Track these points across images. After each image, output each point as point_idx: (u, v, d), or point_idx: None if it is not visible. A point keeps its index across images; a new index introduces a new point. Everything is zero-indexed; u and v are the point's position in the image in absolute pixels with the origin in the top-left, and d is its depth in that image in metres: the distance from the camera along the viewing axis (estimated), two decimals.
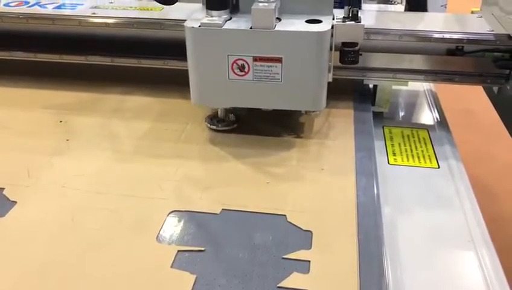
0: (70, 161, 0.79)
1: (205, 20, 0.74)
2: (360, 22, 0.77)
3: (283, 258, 0.61)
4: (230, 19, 0.76)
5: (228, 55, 0.75)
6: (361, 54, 0.81)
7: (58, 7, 1.00)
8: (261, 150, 0.81)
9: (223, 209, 0.68)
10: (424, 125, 0.92)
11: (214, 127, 0.86)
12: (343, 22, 0.77)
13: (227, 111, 0.86)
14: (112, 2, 1.03)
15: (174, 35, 0.93)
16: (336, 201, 0.70)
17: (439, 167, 0.81)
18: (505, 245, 1.59)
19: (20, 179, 0.74)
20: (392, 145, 0.86)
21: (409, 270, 0.62)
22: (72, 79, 1.02)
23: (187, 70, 0.79)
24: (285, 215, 0.67)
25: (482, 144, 1.82)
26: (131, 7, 1.00)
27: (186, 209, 0.68)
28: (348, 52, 0.80)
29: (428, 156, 0.83)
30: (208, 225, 0.66)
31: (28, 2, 1.02)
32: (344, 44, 0.79)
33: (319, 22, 0.75)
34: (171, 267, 0.59)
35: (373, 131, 0.86)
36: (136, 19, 0.95)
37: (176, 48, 0.93)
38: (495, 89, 0.90)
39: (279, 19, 0.76)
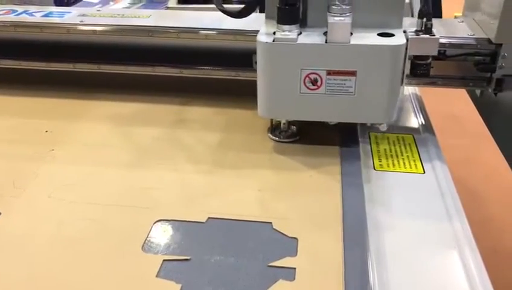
0: (56, 170, 0.79)
1: (279, 35, 0.74)
2: (434, 35, 0.77)
3: (269, 266, 0.61)
4: (301, 33, 0.76)
5: (301, 69, 0.75)
6: (432, 67, 0.82)
7: (46, 15, 1.00)
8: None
9: (209, 217, 0.69)
10: (409, 129, 0.92)
11: (277, 139, 0.86)
12: (416, 35, 0.77)
13: (290, 122, 0.86)
14: (99, 10, 1.03)
15: (162, 42, 0.95)
16: (321, 207, 0.71)
17: (424, 172, 0.81)
18: (491, 248, 1.62)
19: (5, 190, 0.74)
20: (378, 151, 0.86)
21: (395, 276, 0.62)
22: (57, 86, 1.03)
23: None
24: (271, 222, 0.68)
25: (469, 148, 1.84)
26: (119, 14, 1.00)
27: (174, 218, 0.69)
28: (421, 65, 0.80)
29: (414, 161, 0.83)
30: (194, 233, 0.67)
31: (16, 11, 1.03)
32: (416, 57, 0.80)
33: (391, 35, 0.75)
34: (157, 276, 0.59)
35: (358, 137, 0.87)
36: (124, 26, 0.96)
37: (164, 55, 0.96)
38: (478, 92, 0.92)
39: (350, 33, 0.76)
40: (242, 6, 0.79)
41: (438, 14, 0.97)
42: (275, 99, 0.78)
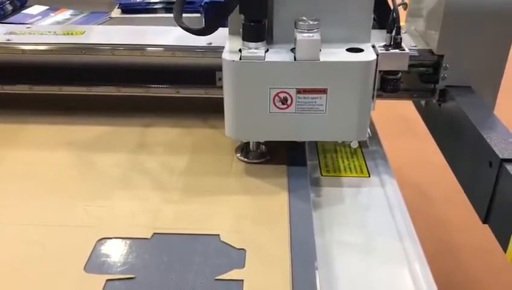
0: None
1: (246, 53, 0.70)
2: (404, 49, 0.76)
3: (216, 279, 0.60)
4: (268, 50, 0.73)
5: (270, 88, 0.72)
6: (402, 82, 0.81)
7: None
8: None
9: (154, 233, 0.67)
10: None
11: (246, 160, 0.83)
12: (386, 50, 0.76)
13: (259, 142, 0.83)
14: (29, 27, 0.97)
15: (97, 60, 0.89)
16: (269, 217, 0.71)
17: (369, 176, 0.83)
18: (443, 245, 1.65)
19: None
20: (325, 157, 0.87)
21: (344, 285, 0.62)
22: None
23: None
24: (218, 235, 0.66)
25: (419, 150, 1.87)
26: (50, 32, 0.94)
27: (116, 236, 0.66)
28: (391, 80, 0.79)
29: (360, 166, 0.85)
30: (139, 250, 0.64)
31: None
32: (386, 72, 0.78)
33: (360, 50, 0.73)
34: None
35: (306, 147, 0.86)
36: (55, 44, 0.89)
37: (99, 73, 0.90)
38: (423, 102, 0.91)
39: None
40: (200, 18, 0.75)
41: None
42: (244, 120, 0.75)
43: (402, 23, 0.97)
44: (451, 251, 1.66)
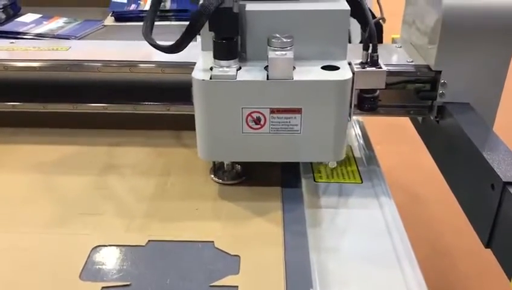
0: None
1: (216, 72, 0.68)
2: (381, 67, 0.73)
3: (211, 286, 0.60)
4: (240, 68, 0.70)
5: (242, 108, 0.69)
6: (380, 100, 0.78)
7: None
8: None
9: (149, 240, 0.67)
10: (348, 144, 0.91)
11: (220, 181, 0.80)
12: (362, 67, 0.73)
13: (234, 162, 0.81)
14: (12, 42, 0.94)
15: (83, 76, 0.87)
16: (263, 224, 0.71)
17: (362, 182, 0.82)
18: (432, 247, 1.64)
19: None
20: (318, 163, 0.86)
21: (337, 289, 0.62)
22: None
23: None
24: (212, 241, 0.67)
25: (409, 154, 1.89)
26: (34, 47, 0.92)
27: (110, 243, 0.67)
28: (368, 99, 0.77)
29: (352, 172, 0.84)
30: (134, 257, 0.65)
31: None
32: (363, 90, 0.76)
33: (336, 68, 0.70)
34: None
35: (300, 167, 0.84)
36: (39, 61, 0.87)
37: (85, 90, 0.88)
38: (419, 118, 0.89)
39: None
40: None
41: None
42: (216, 141, 0.73)
43: (397, 35, 0.95)
44: (441, 252, 1.66)
